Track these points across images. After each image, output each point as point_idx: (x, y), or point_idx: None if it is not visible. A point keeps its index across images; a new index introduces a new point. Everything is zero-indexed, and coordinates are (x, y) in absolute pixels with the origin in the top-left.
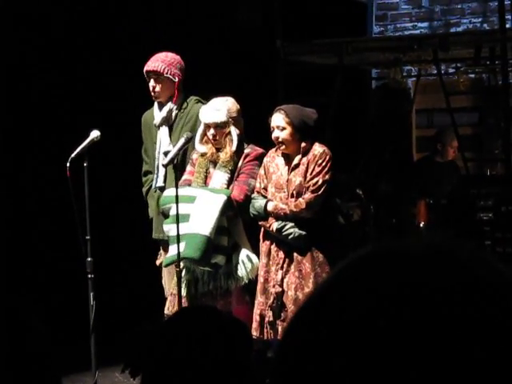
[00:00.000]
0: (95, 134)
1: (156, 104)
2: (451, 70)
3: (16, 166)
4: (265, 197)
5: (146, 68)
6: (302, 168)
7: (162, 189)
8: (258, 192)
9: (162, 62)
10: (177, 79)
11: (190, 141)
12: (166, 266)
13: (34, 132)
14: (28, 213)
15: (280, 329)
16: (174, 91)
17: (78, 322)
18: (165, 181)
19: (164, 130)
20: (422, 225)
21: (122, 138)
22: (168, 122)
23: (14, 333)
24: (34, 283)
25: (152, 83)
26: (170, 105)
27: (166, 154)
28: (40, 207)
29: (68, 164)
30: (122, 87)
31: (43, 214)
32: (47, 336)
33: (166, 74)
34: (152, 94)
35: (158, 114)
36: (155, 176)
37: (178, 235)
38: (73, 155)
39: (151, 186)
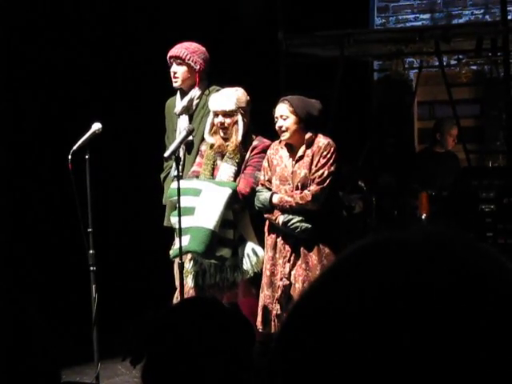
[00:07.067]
0: (97, 126)
1: (178, 92)
2: (453, 62)
3: (18, 159)
4: (269, 189)
5: (169, 54)
6: (306, 160)
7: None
8: (262, 184)
9: (186, 48)
10: (198, 67)
11: (191, 133)
12: (174, 258)
13: (35, 125)
14: (30, 206)
15: None
16: (195, 79)
17: (80, 315)
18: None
19: (184, 118)
20: (423, 217)
21: (124, 130)
22: (188, 110)
23: (12, 326)
24: (36, 276)
25: (173, 68)
26: (191, 94)
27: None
28: (42, 200)
29: (70, 157)
30: (125, 79)
31: (45, 206)
32: (45, 328)
33: (188, 60)
34: (173, 80)
35: (179, 103)
36: (173, 165)
37: (180, 228)
38: (74, 148)
39: (169, 172)
